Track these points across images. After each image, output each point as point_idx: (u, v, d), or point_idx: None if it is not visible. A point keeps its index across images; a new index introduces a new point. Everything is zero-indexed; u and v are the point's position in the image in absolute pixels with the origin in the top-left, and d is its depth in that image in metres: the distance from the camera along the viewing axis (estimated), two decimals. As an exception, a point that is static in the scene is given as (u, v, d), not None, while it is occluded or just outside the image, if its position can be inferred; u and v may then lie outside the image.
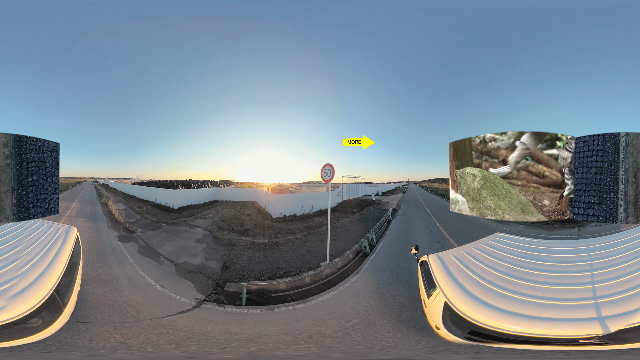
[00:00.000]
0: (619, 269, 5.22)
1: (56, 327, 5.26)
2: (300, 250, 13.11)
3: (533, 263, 5.85)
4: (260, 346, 5.96)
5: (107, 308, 7.47)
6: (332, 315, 7.43)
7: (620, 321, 4.07)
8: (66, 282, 5.94)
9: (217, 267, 11.10)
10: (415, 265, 7.41)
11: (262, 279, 9.76)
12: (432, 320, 5.54)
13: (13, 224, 7.21)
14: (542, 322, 4.30)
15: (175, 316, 7.37)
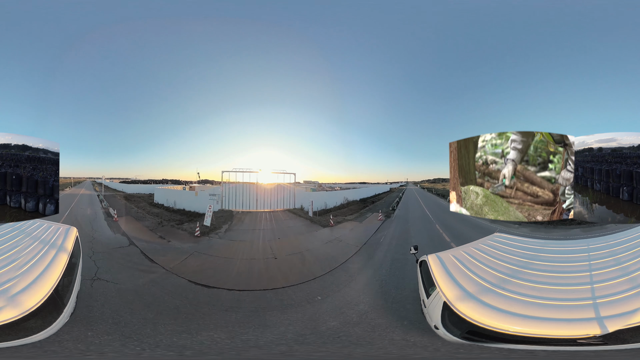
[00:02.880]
0: (617, 269, 5.22)
1: (56, 327, 5.26)
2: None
3: (532, 263, 5.86)
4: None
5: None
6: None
7: (619, 321, 4.07)
8: (66, 282, 5.94)
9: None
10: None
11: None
12: (430, 320, 5.55)
13: (13, 224, 7.21)
14: (541, 322, 4.30)
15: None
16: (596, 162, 7.37)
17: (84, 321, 6.75)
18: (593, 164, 7.41)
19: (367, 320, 7.29)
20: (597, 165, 7.39)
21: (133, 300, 8.29)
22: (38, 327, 4.93)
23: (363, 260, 12.52)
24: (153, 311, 7.69)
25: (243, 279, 10.39)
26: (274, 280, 10.34)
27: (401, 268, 11.09)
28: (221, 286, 9.56)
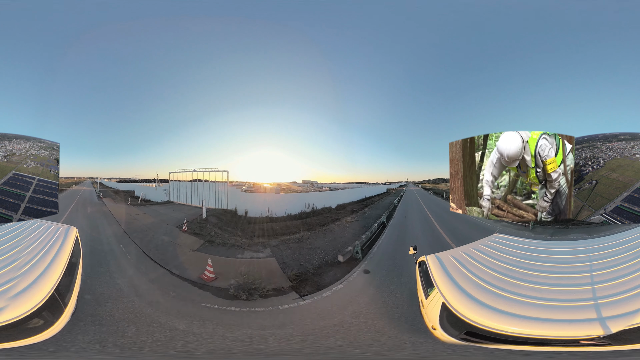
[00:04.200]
0: (619, 269, 5.19)
1: (57, 327, 5.24)
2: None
3: (532, 264, 5.83)
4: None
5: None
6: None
7: (621, 322, 4.05)
8: (66, 283, 5.93)
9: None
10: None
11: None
12: (429, 320, 5.53)
13: (13, 224, 7.22)
14: (542, 323, 4.28)
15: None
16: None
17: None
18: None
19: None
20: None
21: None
22: (39, 328, 4.92)
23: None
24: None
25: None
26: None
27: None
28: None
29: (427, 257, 6.46)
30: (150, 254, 12.82)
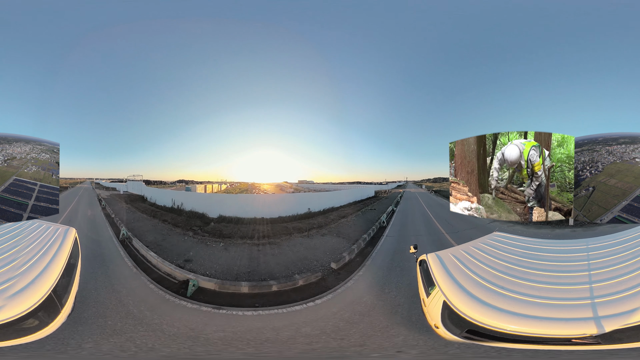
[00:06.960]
0: (616, 269, 5.21)
1: (53, 327, 5.23)
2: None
3: (531, 262, 5.84)
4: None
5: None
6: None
7: (616, 321, 4.06)
8: (64, 283, 5.91)
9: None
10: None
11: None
12: (431, 319, 5.54)
13: (12, 224, 7.21)
14: (540, 322, 4.29)
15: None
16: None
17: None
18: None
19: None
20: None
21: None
22: (35, 328, 4.91)
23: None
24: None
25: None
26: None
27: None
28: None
29: (427, 256, 6.47)
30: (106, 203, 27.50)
